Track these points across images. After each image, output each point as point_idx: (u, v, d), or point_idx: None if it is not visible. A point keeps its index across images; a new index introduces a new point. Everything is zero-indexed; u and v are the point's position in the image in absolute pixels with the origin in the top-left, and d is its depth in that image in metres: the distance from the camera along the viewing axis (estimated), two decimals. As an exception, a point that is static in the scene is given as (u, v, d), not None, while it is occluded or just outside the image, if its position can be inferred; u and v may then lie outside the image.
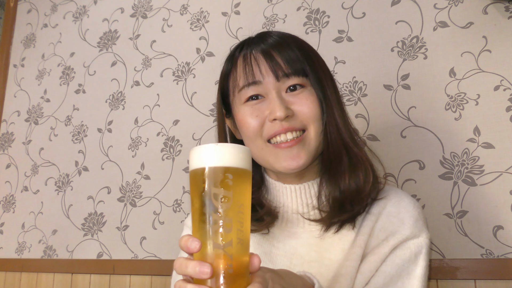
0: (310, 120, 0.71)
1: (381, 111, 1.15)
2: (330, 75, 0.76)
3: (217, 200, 0.46)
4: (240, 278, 0.46)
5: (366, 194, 0.70)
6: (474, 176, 1.01)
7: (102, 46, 1.72)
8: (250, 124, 0.72)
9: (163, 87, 1.53)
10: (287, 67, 0.70)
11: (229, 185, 0.46)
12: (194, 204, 0.48)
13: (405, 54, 1.15)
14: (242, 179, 0.48)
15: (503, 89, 1.02)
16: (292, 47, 0.72)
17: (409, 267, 0.67)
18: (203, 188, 0.47)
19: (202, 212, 0.47)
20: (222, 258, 0.45)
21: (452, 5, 1.12)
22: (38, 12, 1.98)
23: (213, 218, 0.46)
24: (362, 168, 0.71)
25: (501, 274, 0.94)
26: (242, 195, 0.48)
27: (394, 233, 0.69)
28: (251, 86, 0.71)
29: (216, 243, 0.45)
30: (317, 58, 0.75)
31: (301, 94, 0.71)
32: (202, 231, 0.46)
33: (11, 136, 1.87)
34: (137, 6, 1.68)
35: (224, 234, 0.46)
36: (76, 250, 1.54)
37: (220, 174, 0.47)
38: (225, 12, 1.48)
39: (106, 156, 1.59)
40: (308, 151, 0.70)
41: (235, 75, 0.74)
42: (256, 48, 0.72)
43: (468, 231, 1.00)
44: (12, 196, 1.78)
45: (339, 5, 1.27)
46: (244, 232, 0.47)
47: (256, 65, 0.71)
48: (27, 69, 1.92)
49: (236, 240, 0.46)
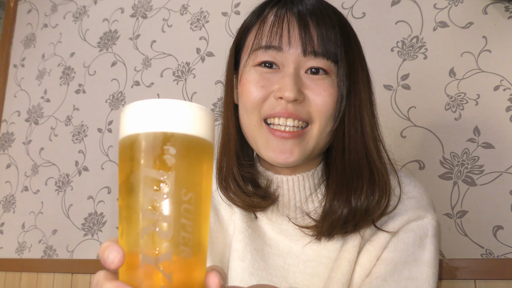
0: (319, 115, 0.60)
1: (381, 111, 1.14)
2: (366, 70, 0.66)
3: (150, 188, 0.30)
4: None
5: (372, 218, 0.61)
6: (474, 176, 1.01)
7: (102, 46, 1.73)
8: (251, 93, 0.61)
9: (163, 87, 1.53)
10: (319, 44, 0.59)
11: (169, 164, 0.30)
12: (121, 191, 0.33)
13: (405, 54, 1.15)
14: (193, 154, 0.32)
15: (503, 89, 1.02)
16: (333, 22, 0.60)
17: (415, 252, 0.59)
18: (131, 168, 0.31)
19: (128, 206, 0.31)
20: (155, 279, 0.30)
21: (452, 5, 1.12)
22: (38, 12, 1.98)
23: (144, 216, 0.30)
24: (380, 186, 0.60)
25: (501, 274, 0.94)
26: (191, 180, 0.31)
27: (393, 217, 0.61)
28: (270, 50, 0.60)
29: (147, 256, 0.30)
30: (357, 47, 0.65)
31: (321, 81, 0.60)
32: (129, 236, 0.31)
33: (11, 136, 1.87)
34: (137, 6, 1.68)
35: (159, 241, 0.30)
36: (76, 250, 1.54)
37: (157, 146, 0.30)
38: (225, 12, 1.48)
39: (106, 156, 1.59)
40: (304, 149, 0.61)
41: (259, 31, 0.62)
42: (292, 8, 0.61)
43: (468, 231, 1.00)
44: (12, 196, 1.78)
45: (339, 5, 1.27)
46: (194, 238, 0.31)
47: (286, 29, 0.60)
48: (27, 69, 1.92)
49: (178, 251, 0.30)
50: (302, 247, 0.65)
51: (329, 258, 0.63)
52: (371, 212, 0.60)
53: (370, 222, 0.61)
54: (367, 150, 0.61)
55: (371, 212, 0.60)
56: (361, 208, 0.59)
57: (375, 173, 0.60)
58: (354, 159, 0.61)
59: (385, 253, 0.60)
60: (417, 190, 0.66)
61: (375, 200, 0.59)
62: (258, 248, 0.66)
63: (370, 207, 0.59)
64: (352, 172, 0.60)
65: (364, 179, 0.60)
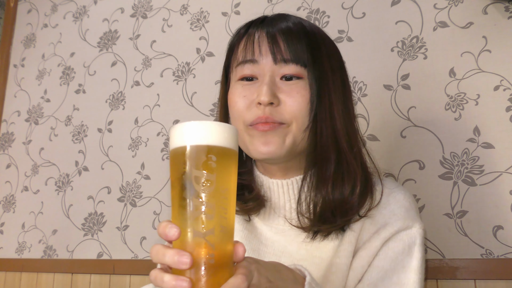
0: (293, 115, 0.66)
1: (381, 111, 1.15)
2: (339, 72, 0.72)
3: (198, 184, 0.42)
4: (223, 269, 0.43)
5: (351, 208, 0.66)
6: (474, 176, 1.01)
7: (102, 46, 1.73)
8: (236, 103, 0.69)
9: (163, 87, 1.53)
10: (287, 52, 0.67)
11: (212, 167, 0.43)
12: (174, 187, 0.44)
13: (405, 54, 1.15)
14: (226, 160, 0.44)
15: (503, 89, 1.02)
16: (300, 35, 0.69)
17: (404, 259, 0.64)
18: (184, 170, 0.43)
19: (182, 197, 0.43)
20: (203, 247, 0.42)
21: (452, 5, 1.12)
22: (38, 12, 1.98)
23: (194, 204, 0.42)
24: (351, 178, 0.66)
25: (501, 274, 0.94)
26: (226, 178, 0.44)
27: (384, 226, 0.66)
28: (247, 63, 0.69)
29: (197, 231, 0.42)
30: (328, 52, 0.71)
31: (294, 85, 0.67)
32: (182, 217, 0.43)
33: (11, 136, 1.87)
34: (137, 6, 1.68)
35: (206, 221, 0.42)
36: (76, 250, 1.54)
37: (203, 155, 0.43)
38: (225, 12, 1.48)
39: (106, 156, 1.59)
40: (282, 141, 0.66)
41: (237, 50, 0.72)
42: (263, 28, 0.70)
43: (468, 231, 1.00)
44: (12, 196, 1.78)
45: (339, 5, 1.27)
46: (228, 219, 0.44)
47: (257, 44, 0.69)
48: (27, 69, 1.92)
49: (219, 227, 0.43)
50: (297, 247, 0.70)
51: (321, 259, 0.68)
52: (346, 201, 0.65)
53: (348, 214, 0.66)
54: (338, 145, 0.67)
55: (346, 201, 0.66)
56: (334, 198, 0.65)
57: (344, 165, 0.66)
58: (324, 153, 0.67)
59: (376, 261, 0.66)
60: (407, 199, 0.70)
61: (348, 190, 0.65)
62: (254, 248, 0.72)
63: (344, 198, 0.65)
64: (322, 165, 0.67)
65: (329, 171, 0.66)
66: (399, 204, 0.68)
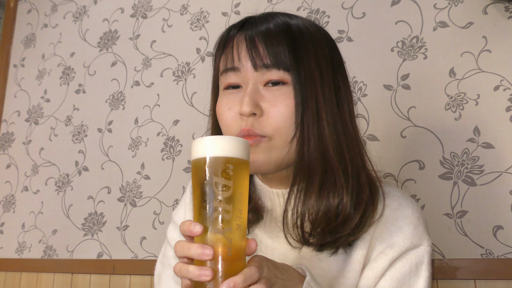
0: (276, 128, 0.61)
1: (381, 111, 1.15)
2: (331, 72, 0.66)
3: (218, 189, 0.49)
4: (238, 261, 0.49)
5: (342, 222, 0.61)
6: (474, 176, 1.01)
7: (102, 46, 1.73)
8: (222, 116, 0.66)
9: (163, 87, 1.53)
10: (266, 57, 0.62)
11: (229, 175, 0.49)
12: (196, 191, 0.51)
13: (405, 54, 1.15)
14: (241, 169, 0.51)
15: (503, 89, 1.02)
16: (281, 37, 0.63)
17: (410, 279, 0.63)
18: (205, 177, 0.49)
19: (203, 200, 0.49)
20: (222, 242, 0.48)
21: (452, 5, 1.12)
22: (38, 12, 1.98)
23: (214, 205, 0.49)
24: (338, 191, 0.61)
25: (501, 274, 0.94)
26: (241, 184, 0.50)
27: (392, 245, 0.64)
28: (229, 72, 0.65)
29: (217, 228, 0.48)
30: (316, 52, 0.65)
31: (278, 91, 0.62)
32: (204, 217, 0.49)
33: (11, 136, 1.87)
34: (137, 6, 1.68)
35: (224, 220, 0.48)
36: (76, 250, 1.54)
37: (221, 164, 0.49)
38: (225, 12, 1.48)
39: (106, 156, 1.59)
40: (267, 156, 0.62)
41: (218, 58, 0.69)
42: (243, 32, 0.66)
43: (468, 231, 1.00)
44: (12, 196, 1.78)
45: (339, 5, 1.27)
46: (243, 219, 0.50)
47: (236, 50, 0.64)
48: (27, 69, 1.92)
49: (235, 226, 0.49)
50: (297, 255, 0.68)
51: (323, 269, 0.66)
52: (336, 216, 0.61)
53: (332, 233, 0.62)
54: (325, 153, 0.62)
55: (336, 216, 0.61)
56: (322, 213, 0.61)
57: (330, 177, 0.62)
58: (310, 163, 0.62)
59: (382, 282, 0.63)
60: (415, 214, 0.66)
61: (335, 202, 0.61)
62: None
63: (330, 211, 0.61)
64: (309, 177, 0.62)
65: (316, 183, 0.61)
66: (408, 221, 0.65)
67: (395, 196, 0.68)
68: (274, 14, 0.69)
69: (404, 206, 0.66)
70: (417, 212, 0.67)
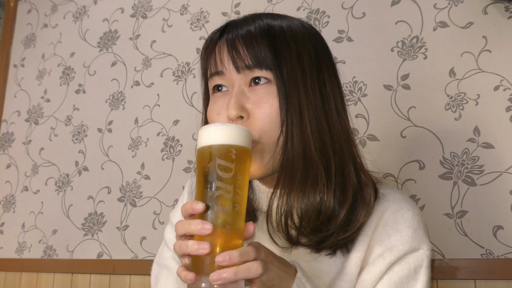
0: (263, 130, 0.61)
1: (381, 111, 1.15)
2: (315, 69, 0.66)
3: (221, 170, 0.52)
4: (236, 239, 0.52)
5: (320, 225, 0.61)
6: (474, 176, 1.01)
7: (102, 46, 1.73)
8: (213, 122, 0.66)
9: (163, 87, 1.53)
10: (247, 58, 0.62)
11: (232, 158, 0.53)
12: (200, 173, 0.54)
13: (405, 54, 1.15)
14: (243, 155, 0.54)
15: (503, 89, 1.02)
16: (260, 37, 0.63)
17: (409, 283, 0.62)
18: (210, 159, 0.53)
19: (206, 180, 0.52)
20: (221, 220, 0.51)
21: (452, 5, 1.12)
22: (38, 12, 1.98)
23: (217, 185, 0.51)
24: (319, 187, 0.61)
25: (501, 274, 0.94)
26: (242, 168, 0.54)
27: (391, 249, 0.63)
28: (214, 76, 0.66)
29: (218, 206, 0.51)
30: (299, 49, 0.65)
31: (262, 90, 0.63)
32: (205, 196, 0.52)
33: (11, 136, 1.87)
34: (137, 6, 1.68)
35: (224, 199, 0.51)
36: (76, 250, 1.54)
37: (225, 149, 0.53)
38: (225, 12, 1.48)
39: (106, 156, 1.59)
40: (260, 160, 0.62)
41: (204, 61, 0.70)
42: (224, 36, 0.66)
43: (468, 231, 1.00)
44: (12, 196, 1.78)
45: (339, 5, 1.27)
46: (241, 200, 0.53)
47: (218, 54, 0.65)
48: (27, 69, 1.92)
49: (235, 205, 0.52)
50: (293, 256, 0.67)
51: (322, 271, 0.65)
52: (318, 215, 0.60)
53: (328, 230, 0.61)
54: (307, 151, 0.61)
55: (319, 214, 0.60)
56: (303, 209, 0.60)
57: (311, 173, 0.61)
58: (293, 160, 0.62)
59: (380, 285, 0.63)
60: (415, 218, 0.65)
61: (317, 200, 0.60)
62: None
63: (313, 207, 0.60)
64: (290, 175, 0.62)
65: (296, 181, 0.61)
66: (407, 224, 0.64)
67: (396, 198, 0.67)
68: (256, 16, 0.69)
69: (404, 209, 0.66)
70: (417, 215, 0.66)
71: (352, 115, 1.17)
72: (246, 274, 0.49)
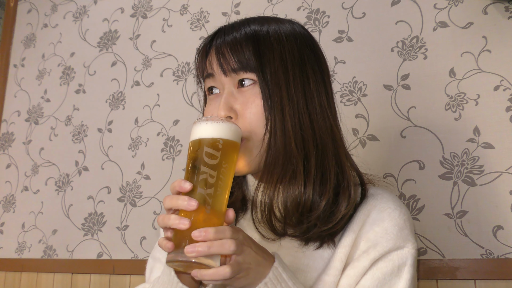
0: (251, 129, 0.66)
1: (381, 111, 1.15)
2: (298, 67, 0.68)
3: (207, 157, 0.57)
4: (215, 219, 0.56)
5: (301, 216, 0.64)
6: (474, 176, 1.01)
7: (102, 46, 1.73)
8: None
9: (163, 87, 1.53)
10: (232, 61, 0.67)
11: (218, 147, 0.58)
12: (190, 158, 0.59)
13: (405, 54, 1.15)
14: (229, 147, 0.59)
15: (503, 89, 1.02)
16: (245, 42, 0.68)
17: (392, 280, 0.63)
18: (198, 147, 0.58)
19: (194, 165, 0.58)
20: (204, 200, 0.55)
21: (452, 5, 1.12)
22: (38, 12, 1.98)
23: (202, 170, 0.57)
24: (297, 179, 0.65)
25: (501, 274, 0.94)
26: (227, 158, 0.59)
27: (375, 245, 0.65)
28: (207, 79, 0.72)
29: (202, 188, 0.56)
30: (282, 50, 0.68)
31: (248, 92, 0.67)
32: (192, 178, 0.57)
33: (11, 136, 1.87)
34: (137, 6, 1.68)
35: (208, 183, 0.56)
36: (76, 250, 1.54)
37: (213, 140, 0.58)
38: (225, 12, 1.48)
39: (106, 156, 1.59)
40: (248, 157, 0.66)
41: (198, 66, 0.76)
42: (213, 43, 0.72)
43: (468, 231, 1.00)
44: (12, 196, 1.78)
45: (339, 5, 1.27)
46: (224, 186, 0.58)
47: (208, 60, 0.71)
48: (27, 69, 1.92)
49: (217, 190, 0.57)
50: (280, 247, 0.69)
51: (309, 267, 0.67)
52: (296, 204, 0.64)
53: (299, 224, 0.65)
54: (287, 146, 0.65)
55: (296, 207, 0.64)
56: (282, 201, 0.65)
57: (289, 167, 0.65)
58: (275, 154, 0.66)
59: (363, 281, 0.64)
60: (401, 217, 0.67)
61: (296, 192, 0.64)
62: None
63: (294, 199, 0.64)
64: (272, 167, 0.66)
65: (276, 175, 0.66)
66: (394, 222, 0.66)
67: (384, 198, 0.69)
68: (244, 22, 0.72)
69: (391, 208, 0.67)
70: (404, 215, 0.67)
71: (352, 115, 1.17)
72: (219, 250, 0.52)
